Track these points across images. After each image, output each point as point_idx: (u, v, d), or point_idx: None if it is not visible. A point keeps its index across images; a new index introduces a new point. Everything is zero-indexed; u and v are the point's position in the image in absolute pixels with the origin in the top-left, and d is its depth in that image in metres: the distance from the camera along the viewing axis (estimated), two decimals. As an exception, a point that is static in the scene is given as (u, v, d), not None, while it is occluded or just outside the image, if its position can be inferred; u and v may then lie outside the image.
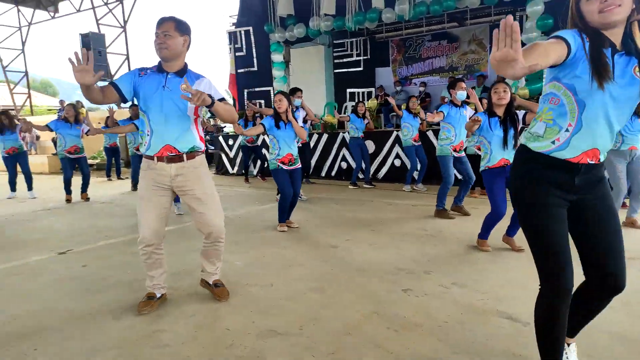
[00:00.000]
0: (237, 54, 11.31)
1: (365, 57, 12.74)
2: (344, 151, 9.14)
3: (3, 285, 3.28)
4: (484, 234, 3.89)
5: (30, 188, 7.68)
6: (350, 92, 12.94)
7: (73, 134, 7.03)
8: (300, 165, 4.82)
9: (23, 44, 18.25)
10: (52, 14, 17.24)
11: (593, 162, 1.64)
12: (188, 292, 3.07)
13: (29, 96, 19.19)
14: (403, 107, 7.69)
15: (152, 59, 2.68)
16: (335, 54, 13.15)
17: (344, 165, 9.15)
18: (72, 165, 7.30)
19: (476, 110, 4.82)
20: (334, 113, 11.51)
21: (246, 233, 4.72)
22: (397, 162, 8.52)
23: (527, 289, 2.82)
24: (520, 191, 1.73)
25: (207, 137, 10.95)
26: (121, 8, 14.86)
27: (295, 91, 6.28)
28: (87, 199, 7.25)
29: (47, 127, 6.94)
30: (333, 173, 9.30)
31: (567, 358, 1.87)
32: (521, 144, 1.77)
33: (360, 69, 12.84)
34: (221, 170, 10.86)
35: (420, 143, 7.20)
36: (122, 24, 14.99)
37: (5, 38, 18.23)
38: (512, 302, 2.74)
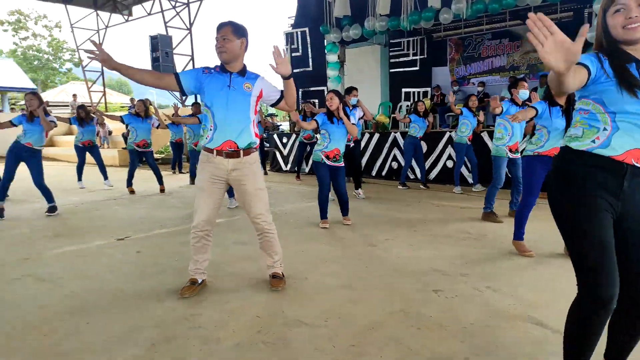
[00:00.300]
0: (293, 54, 11.55)
1: (421, 57, 12.56)
2: (395, 151, 9.10)
3: (68, 265, 3.63)
4: (518, 232, 3.81)
5: (105, 177, 8.28)
6: (405, 92, 12.82)
7: (143, 128, 7.50)
8: (343, 165, 4.91)
9: (100, 45, 19.66)
10: (126, 17, 18.46)
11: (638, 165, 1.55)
12: (227, 281, 3.25)
13: (104, 94, 20.64)
14: (459, 106, 7.55)
15: (214, 60, 2.91)
16: (391, 54, 13.07)
17: (394, 165, 9.12)
18: (140, 158, 7.82)
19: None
20: (389, 112, 11.51)
21: (290, 228, 4.87)
22: (450, 164, 8.36)
23: (566, 297, 2.72)
24: (561, 192, 1.65)
25: (265, 134, 11.28)
26: (187, 11, 15.63)
27: (350, 90, 6.34)
28: (163, 191, 7.64)
29: (121, 119, 7.50)
30: (383, 173, 9.28)
31: None
32: (562, 147, 1.73)
33: (417, 68, 12.68)
34: (275, 167, 11.17)
35: (470, 144, 7.04)
36: (188, 26, 15.76)
37: (85, 40, 19.73)
38: (546, 309, 2.67)
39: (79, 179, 8.35)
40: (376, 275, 3.34)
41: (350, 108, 5.69)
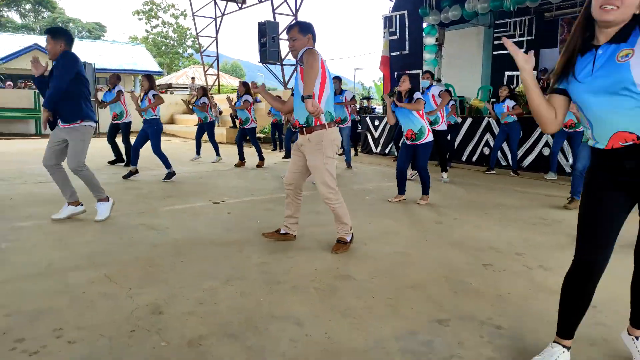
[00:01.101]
0: (391, 37, 11.65)
1: (529, 38, 11.84)
2: (488, 136, 8.90)
3: (174, 219, 4.38)
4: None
5: (217, 154, 9.26)
6: (508, 75, 12.21)
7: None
8: (422, 143, 5.09)
9: (217, 32, 21.38)
10: (240, 5, 19.80)
11: (631, 143, 1.63)
12: (297, 241, 3.72)
13: (218, 77, 22.47)
14: None
15: (318, 47, 3.26)
16: (495, 35, 12.52)
17: (486, 150, 8.93)
18: (243, 135, 8.62)
19: None
20: (489, 97, 11.13)
21: (364, 204, 5.23)
22: (546, 151, 8.00)
23: (616, 279, 2.75)
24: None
25: (358, 117, 11.59)
26: (294, -4, 16.38)
27: (423, 73, 6.57)
28: (260, 166, 8.45)
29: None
30: (474, 158, 9.14)
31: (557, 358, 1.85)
32: None
33: (522, 50, 11.94)
34: (366, 149, 11.50)
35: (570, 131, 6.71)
36: (294, 12, 16.51)
37: (203, 27, 21.61)
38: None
39: (197, 152, 9.43)
40: (433, 247, 3.58)
41: (423, 91, 5.98)
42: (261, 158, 8.55)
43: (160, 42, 39.43)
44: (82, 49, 25.61)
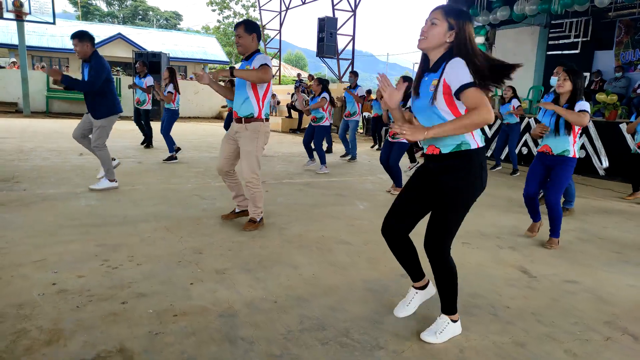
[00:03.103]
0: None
1: (584, 39, 11.76)
2: (527, 137, 9.19)
3: (221, 192, 5.32)
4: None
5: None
6: (562, 76, 12.20)
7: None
8: (401, 140, 5.57)
9: (280, 24, 22.47)
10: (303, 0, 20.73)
11: (433, 154, 2.12)
12: (310, 214, 4.52)
13: (279, 68, 23.62)
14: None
15: (372, 40, 3.96)
16: (550, 35, 12.51)
17: (524, 150, 9.23)
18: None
19: None
20: (539, 97, 11.26)
21: (375, 193, 5.93)
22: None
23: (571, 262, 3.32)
24: None
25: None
26: (354, -7, 17.01)
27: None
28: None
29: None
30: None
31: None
32: None
33: (577, 51, 11.93)
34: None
35: None
36: (353, 8, 17.16)
37: (269, 20, 22.79)
38: (542, 265, 3.32)
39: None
40: (422, 226, 4.24)
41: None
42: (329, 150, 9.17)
43: (230, 32, 41.40)
44: (159, 39, 27.81)
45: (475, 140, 2.05)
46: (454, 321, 2.26)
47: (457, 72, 1.91)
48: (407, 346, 2.17)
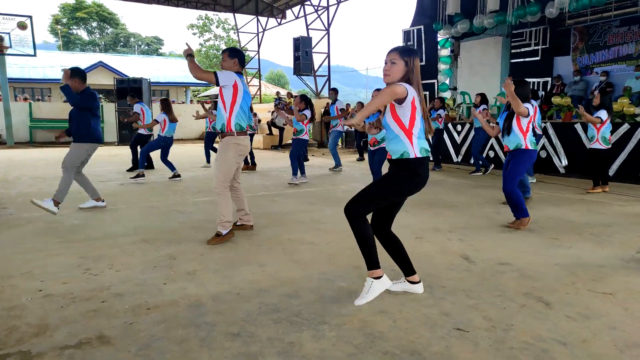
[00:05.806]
0: (409, 50, 12.62)
1: (543, 46, 12.43)
2: (493, 140, 9.69)
3: (198, 208, 5.66)
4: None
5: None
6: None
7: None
8: (382, 147, 5.88)
9: (259, 45, 23.04)
10: (279, 20, 21.36)
11: (388, 158, 2.79)
12: (284, 220, 4.88)
13: (259, 87, 24.12)
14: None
15: (347, 56, 4.38)
16: (513, 44, 13.18)
17: (491, 153, 9.72)
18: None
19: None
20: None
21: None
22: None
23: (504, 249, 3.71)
24: None
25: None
26: (327, 14, 17.64)
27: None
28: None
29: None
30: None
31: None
32: None
33: (538, 58, 12.59)
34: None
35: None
36: (326, 27, 17.77)
37: (248, 42, 23.38)
38: (487, 253, 3.71)
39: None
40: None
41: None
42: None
43: (212, 54, 42.02)
44: (140, 65, 28.22)
45: (414, 152, 2.64)
46: (377, 277, 2.75)
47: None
48: (348, 320, 2.53)
